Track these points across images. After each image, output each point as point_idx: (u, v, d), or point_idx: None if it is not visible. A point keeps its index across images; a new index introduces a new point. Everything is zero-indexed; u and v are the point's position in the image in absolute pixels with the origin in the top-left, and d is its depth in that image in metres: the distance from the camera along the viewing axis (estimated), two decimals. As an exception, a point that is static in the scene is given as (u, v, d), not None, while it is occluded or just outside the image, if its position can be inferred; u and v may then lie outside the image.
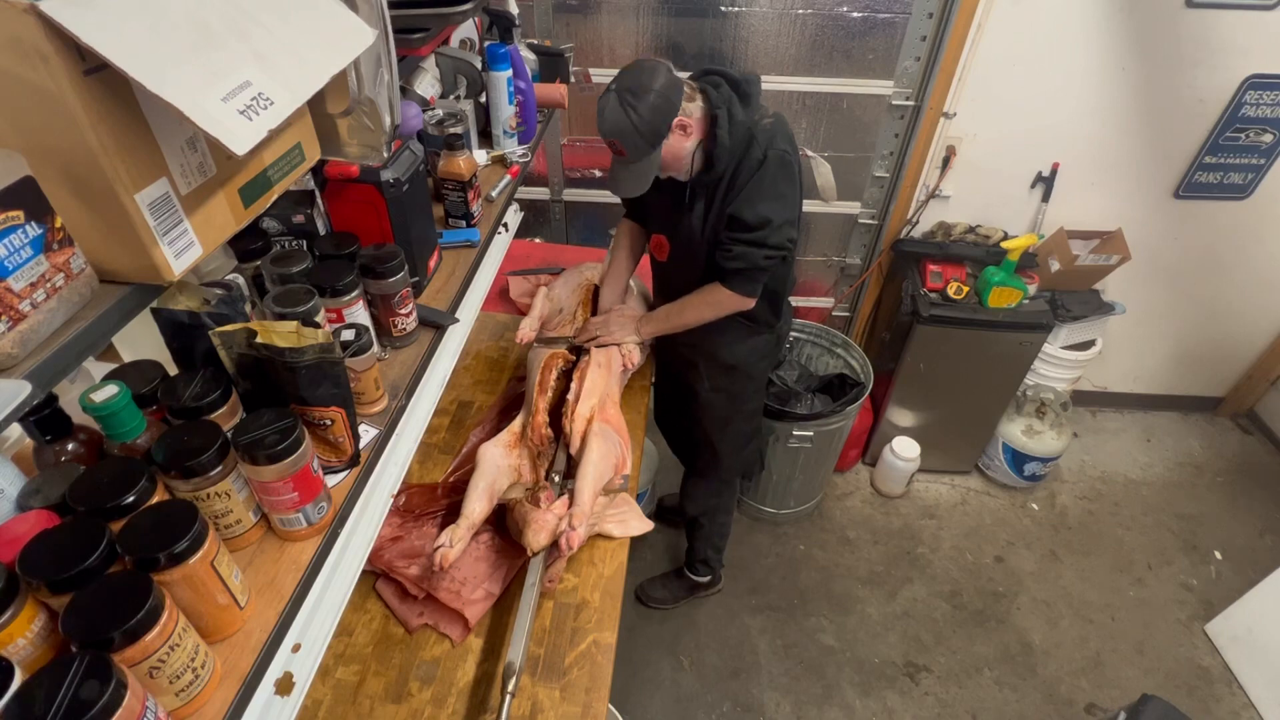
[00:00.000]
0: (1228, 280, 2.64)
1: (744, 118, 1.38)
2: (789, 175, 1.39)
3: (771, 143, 1.37)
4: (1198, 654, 2.25)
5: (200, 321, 0.74)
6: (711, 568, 2.21)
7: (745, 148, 1.38)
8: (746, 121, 1.38)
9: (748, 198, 1.37)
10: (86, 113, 0.49)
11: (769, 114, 1.43)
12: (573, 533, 1.22)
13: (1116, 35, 2.07)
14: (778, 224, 1.37)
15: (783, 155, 1.37)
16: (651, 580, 2.31)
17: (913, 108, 2.28)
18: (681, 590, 2.27)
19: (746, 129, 1.38)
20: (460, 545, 1.22)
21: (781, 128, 1.42)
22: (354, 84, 0.82)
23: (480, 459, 1.38)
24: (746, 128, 1.38)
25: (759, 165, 1.36)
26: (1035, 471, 2.70)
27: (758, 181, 1.37)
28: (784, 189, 1.39)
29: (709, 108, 1.38)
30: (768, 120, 1.40)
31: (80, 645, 0.55)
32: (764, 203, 1.37)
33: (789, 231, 1.40)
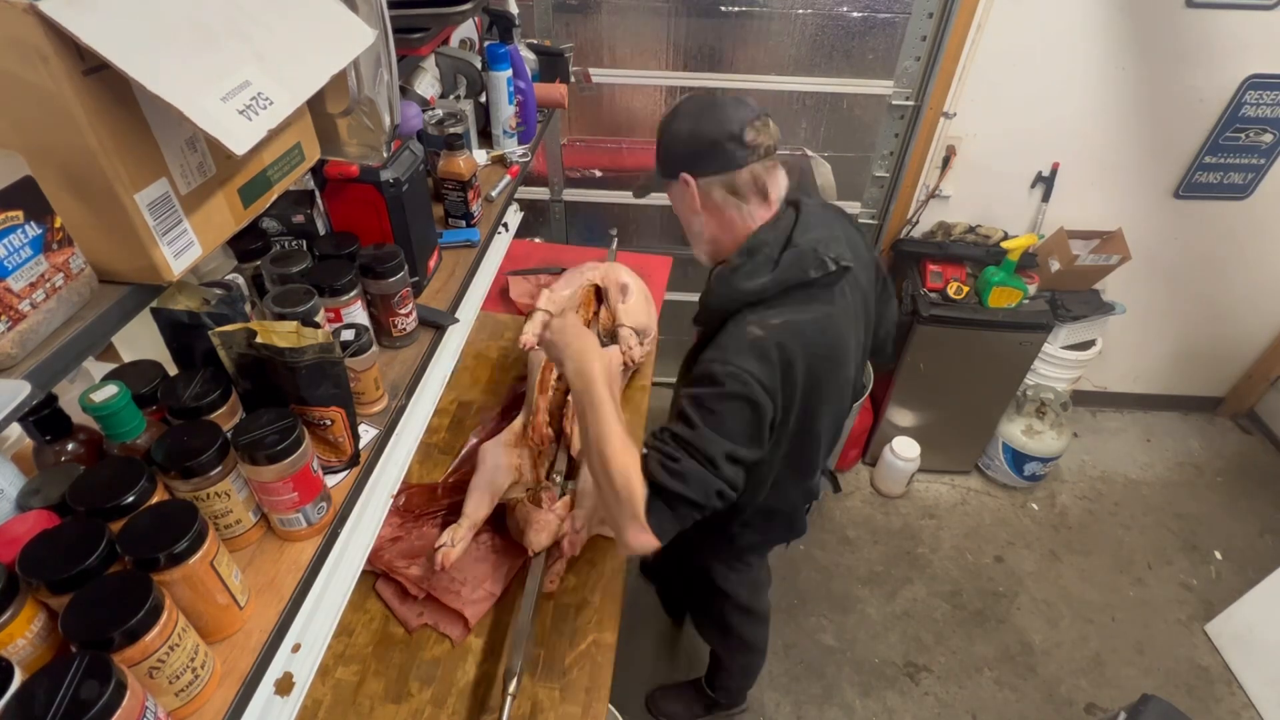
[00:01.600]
0: (1228, 280, 2.64)
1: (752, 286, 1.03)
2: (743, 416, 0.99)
3: (742, 358, 0.99)
4: (1198, 654, 2.25)
5: (200, 321, 0.74)
6: (734, 699, 1.96)
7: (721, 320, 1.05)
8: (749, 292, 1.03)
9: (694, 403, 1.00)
10: (86, 113, 0.49)
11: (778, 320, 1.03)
12: (576, 535, 1.22)
13: (1116, 35, 2.07)
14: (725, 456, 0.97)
15: (744, 392, 0.98)
16: (665, 691, 2.02)
17: (913, 107, 2.28)
18: (699, 709, 1.97)
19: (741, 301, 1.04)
20: (462, 545, 1.23)
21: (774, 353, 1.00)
22: (354, 84, 0.82)
23: (481, 458, 1.38)
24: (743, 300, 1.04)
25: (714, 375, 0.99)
26: (1035, 471, 2.70)
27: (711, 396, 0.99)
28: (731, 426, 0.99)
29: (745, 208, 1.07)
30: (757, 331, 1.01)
31: (80, 645, 0.55)
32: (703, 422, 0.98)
33: (739, 472, 1.00)
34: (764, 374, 0.99)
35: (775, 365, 1.00)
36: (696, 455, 0.97)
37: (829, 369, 1.08)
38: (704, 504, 0.99)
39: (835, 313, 1.08)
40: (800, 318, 1.03)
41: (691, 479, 0.96)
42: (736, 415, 0.99)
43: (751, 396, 0.98)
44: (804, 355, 1.03)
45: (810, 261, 1.04)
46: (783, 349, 1.01)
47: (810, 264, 1.03)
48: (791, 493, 1.27)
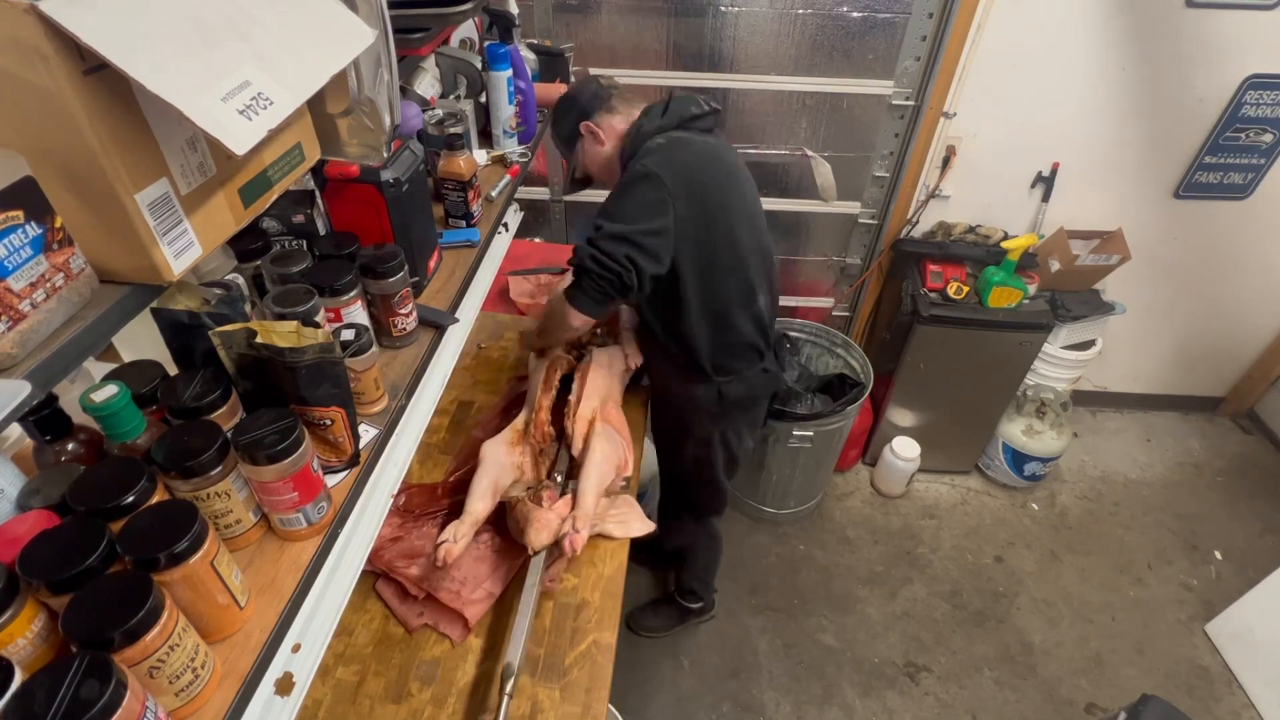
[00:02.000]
0: (1227, 280, 2.64)
1: (649, 127, 1.37)
2: (642, 196, 1.28)
3: (647, 157, 1.30)
4: (1198, 654, 2.25)
5: (200, 321, 0.74)
6: (701, 595, 2.16)
7: (633, 157, 1.35)
8: (648, 132, 1.36)
9: (604, 203, 1.34)
10: (86, 113, 0.49)
11: (679, 135, 1.36)
12: (576, 535, 1.22)
13: (1116, 35, 2.07)
14: (607, 233, 1.28)
15: (645, 173, 1.28)
16: (642, 608, 2.26)
17: (913, 108, 2.28)
18: (673, 618, 2.22)
19: (643, 140, 1.36)
20: (464, 541, 1.22)
21: (676, 153, 1.32)
22: (354, 84, 0.82)
23: (483, 456, 1.38)
24: (645, 138, 1.36)
25: (625, 174, 1.33)
26: (1035, 471, 2.70)
27: (614, 191, 1.33)
28: (628, 205, 1.29)
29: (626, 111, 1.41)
30: (659, 139, 1.34)
31: (80, 645, 0.55)
32: (607, 211, 1.31)
33: (623, 248, 1.26)
34: (662, 165, 1.28)
35: (677, 163, 1.30)
36: (590, 239, 1.30)
37: (730, 184, 1.38)
38: (589, 269, 1.28)
39: (718, 144, 1.42)
40: (691, 138, 1.37)
41: (578, 251, 1.30)
42: (633, 194, 1.28)
43: (650, 175, 1.27)
44: (703, 161, 1.33)
45: (690, 102, 1.41)
46: (682, 148, 1.33)
47: (691, 104, 1.41)
48: (742, 321, 1.48)
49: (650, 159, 1.30)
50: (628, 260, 1.27)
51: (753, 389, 1.59)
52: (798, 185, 2.49)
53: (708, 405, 1.57)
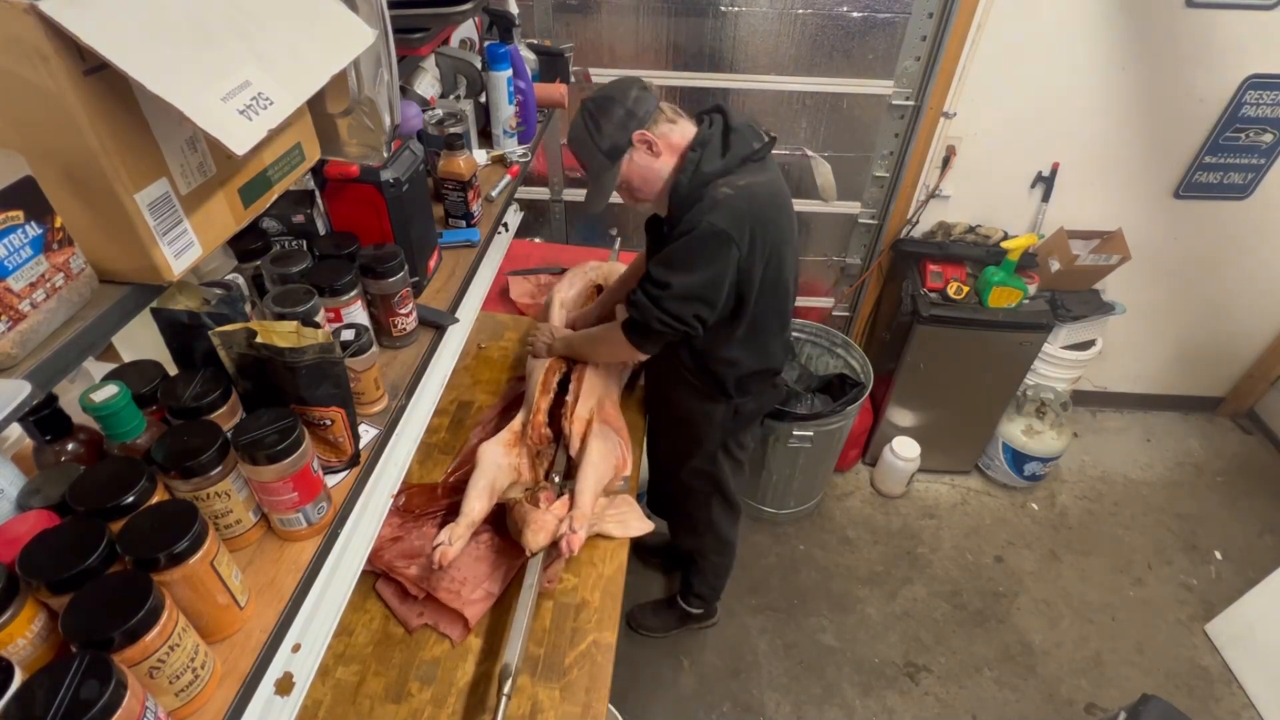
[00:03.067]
0: (1228, 280, 2.64)
1: (711, 170, 1.26)
2: (711, 254, 1.22)
3: (714, 212, 1.21)
4: (1198, 654, 2.25)
5: (200, 321, 0.74)
6: (706, 601, 2.13)
7: (693, 203, 1.25)
8: (709, 175, 1.25)
9: (665, 255, 1.26)
10: (86, 113, 0.49)
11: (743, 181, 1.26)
12: (574, 535, 1.22)
13: (1116, 35, 2.07)
14: (676, 293, 1.24)
15: (715, 231, 1.20)
16: (643, 607, 2.23)
17: (913, 107, 2.28)
18: (673, 620, 2.19)
19: (703, 181, 1.25)
20: (460, 543, 1.22)
21: (740, 203, 1.23)
22: (354, 84, 0.82)
23: (480, 458, 1.38)
24: (705, 181, 1.25)
25: (690, 229, 1.22)
26: (1035, 471, 2.70)
27: (679, 245, 1.24)
28: (698, 264, 1.23)
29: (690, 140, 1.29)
30: (726, 190, 1.23)
31: (80, 645, 0.55)
32: (673, 267, 1.25)
33: (691, 308, 1.25)
34: (730, 222, 1.21)
35: (743, 216, 1.23)
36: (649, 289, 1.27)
37: (785, 223, 1.33)
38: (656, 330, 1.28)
39: (776, 178, 1.34)
40: (757, 179, 1.28)
41: (643, 309, 1.28)
42: (705, 255, 1.23)
43: (721, 237, 1.21)
44: (765, 209, 1.27)
45: (752, 136, 1.31)
46: (750, 200, 1.24)
47: (753, 138, 1.31)
48: (776, 346, 1.48)
49: (718, 215, 1.21)
50: (695, 319, 1.27)
51: (764, 404, 1.60)
52: (798, 185, 2.49)
53: (722, 422, 1.56)
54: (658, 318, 1.27)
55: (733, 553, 1.99)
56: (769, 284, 1.34)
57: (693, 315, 1.27)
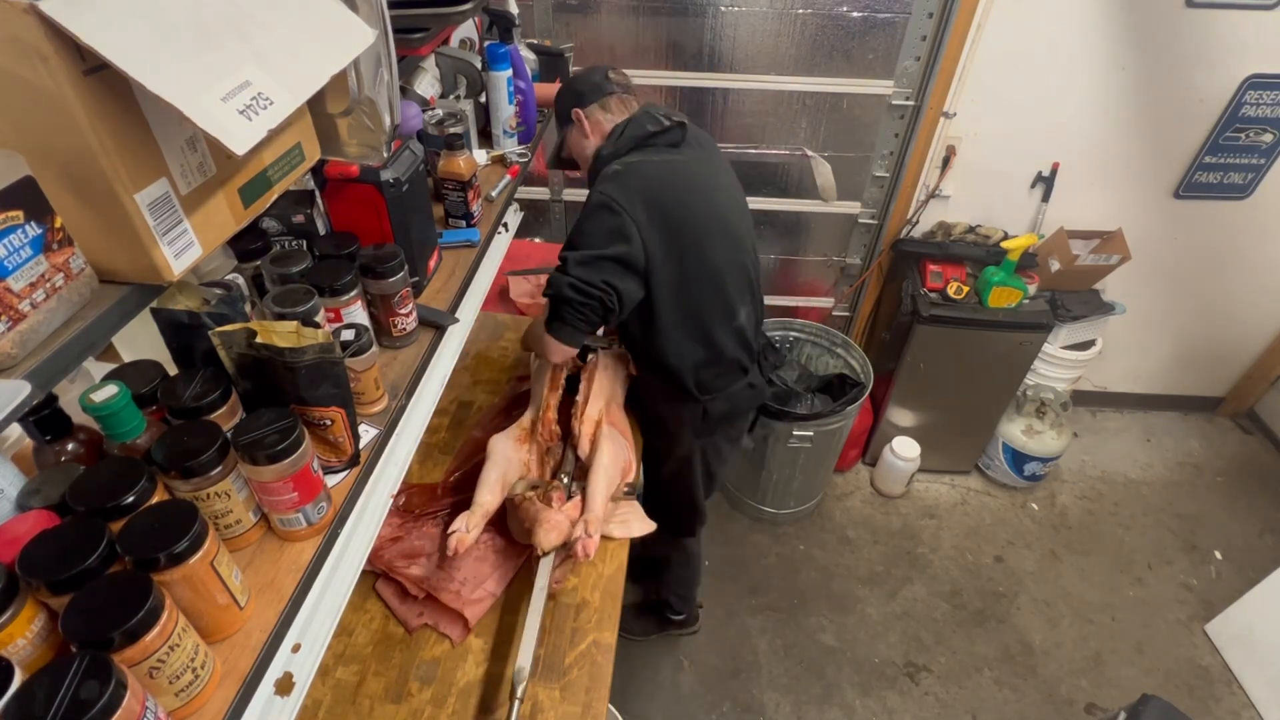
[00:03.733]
0: (1228, 280, 2.64)
1: (606, 153, 1.37)
2: (602, 221, 1.28)
3: (602, 184, 1.30)
4: (1198, 654, 2.25)
5: (200, 321, 0.74)
6: (679, 610, 2.14)
7: (594, 179, 1.37)
8: (605, 157, 1.36)
9: (569, 234, 1.34)
10: (86, 113, 0.49)
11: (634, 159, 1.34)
12: (590, 540, 1.21)
13: (1116, 35, 2.07)
14: (577, 259, 1.27)
15: (602, 200, 1.28)
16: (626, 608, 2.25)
17: (913, 108, 2.28)
18: (653, 625, 2.21)
19: (601, 165, 1.36)
20: (476, 531, 1.22)
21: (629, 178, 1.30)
22: (354, 84, 0.82)
23: (491, 451, 1.38)
24: (603, 164, 1.36)
25: (586, 206, 1.32)
26: (1035, 471, 2.70)
27: (577, 221, 1.33)
28: (592, 233, 1.29)
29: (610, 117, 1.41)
30: (615, 167, 1.33)
31: (80, 645, 0.55)
32: (571, 241, 1.31)
33: (598, 273, 1.26)
34: (619, 192, 1.27)
35: (632, 189, 1.28)
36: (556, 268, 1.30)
37: (696, 201, 1.35)
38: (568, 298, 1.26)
39: (682, 160, 1.38)
40: (649, 158, 1.34)
41: (552, 282, 1.29)
42: (594, 222, 1.28)
43: (608, 204, 1.26)
44: (662, 184, 1.31)
45: (646, 120, 1.37)
46: (635, 174, 1.31)
47: (647, 122, 1.37)
48: (724, 337, 1.45)
49: (606, 186, 1.29)
50: (605, 285, 1.26)
51: (737, 405, 1.58)
52: (798, 185, 2.49)
53: (692, 423, 1.56)
54: (568, 283, 1.26)
55: (696, 564, 2.01)
56: (690, 266, 1.34)
57: (601, 281, 1.26)
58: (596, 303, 1.28)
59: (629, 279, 1.29)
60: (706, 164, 1.44)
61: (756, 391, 1.60)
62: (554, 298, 1.30)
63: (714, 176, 1.43)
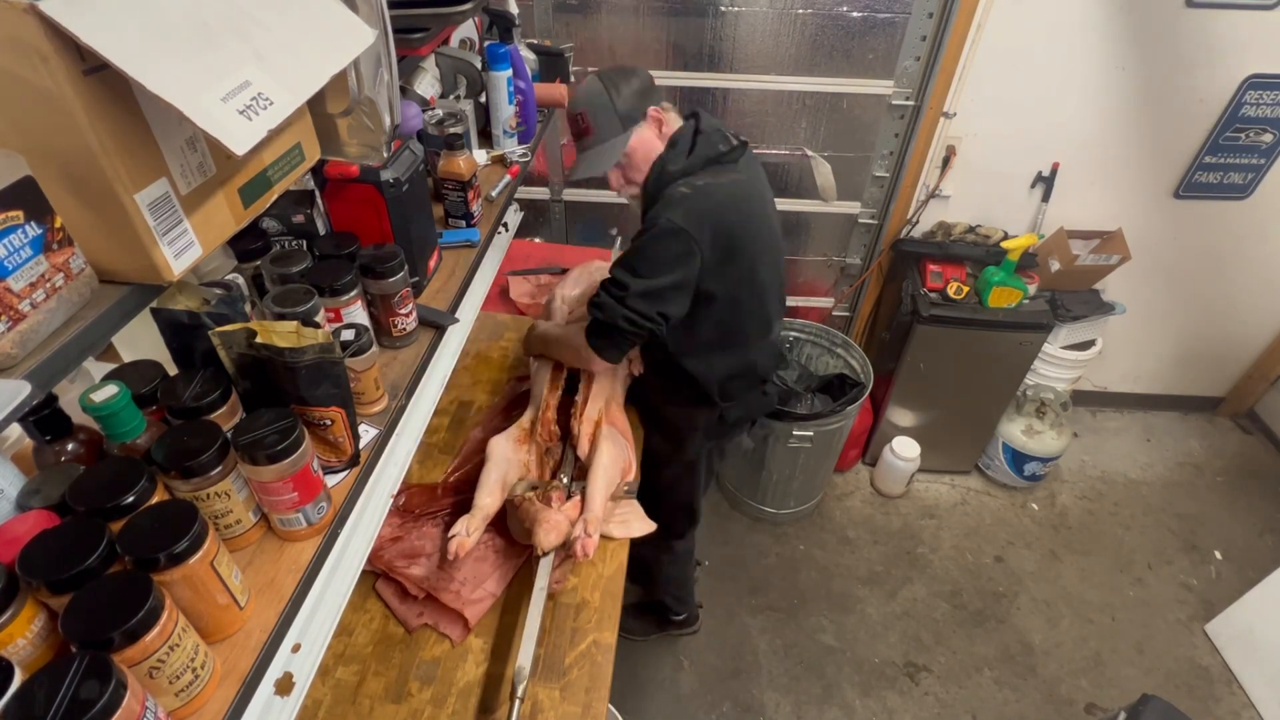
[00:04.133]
0: (1228, 280, 2.64)
1: (675, 169, 1.30)
2: (670, 250, 1.23)
3: (671, 209, 1.23)
4: (1198, 654, 2.25)
5: (200, 321, 0.74)
6: (676, 611, 2.13)
7: (655, 202, 1.29)
8: (673, 174, 1.29)
9: (626, 255, 1.28)
10: (86, 113, 0.49)
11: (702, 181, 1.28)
12: (588, 540, 1.21)
13: (1116, 35, 2.07)
14: (638, 291, 1.24)
15: (673, 228, 1.21)
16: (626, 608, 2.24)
17: (913, 108, 2.28)
18: (653, 625, 2.20)
19: (667, 181, 1.29)
20: (476, 534, 1.22)
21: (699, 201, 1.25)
22: (354, 84, 0.82)
23: (491, 452, 1.38)
24: (668, 180, 1.29)
25: (649, 227, 1.25)
26: (1035, 471, 2.70)
27: (639, 243, 1.26)
28: (658, 262, 1.24)
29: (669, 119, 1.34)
30: (684, 189, 1.26)
31: (80, 645, 0.55)
32: (633, 266, 1.26)
33: (654, 306, 1.25)
34: (689, 219, 1.22)
35: (701, 214, 1.24)
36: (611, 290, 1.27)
37: (754, 224, 1.33)
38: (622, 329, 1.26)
39: (744, 180, 1.35)
40: (718, 180, 1.30)
41: (604, 306, 1.27)
42: (661, 248, 1.24)
43: (678, 232, 1.22)
44: (727, 208, 1.28)
45: (718, 139, 1.34)
46: (708, 199, 1.26)
47: (719, 140, 1.34)
48: (758, 351, 1.46)
49: (675, 211, 1.23)
50: (659, 316, 1.27)
51: (751, 411, 1.60)
52: (798, 185, 2.49)
53: (706, 428, 1.56)
54: (624, 316, 1.26)
55: (685, 562, 1.98)
56: (741, 286, 1.34)
57: (656, 313, 1.27)
58: (647, 333, 1.29)
59: (682, 300, 1.29)
60: (761, 183, 1.42)
61: (769, 399, 1.63)
62: (604, 323, 1.29)
63: (766, 198, 1.41)
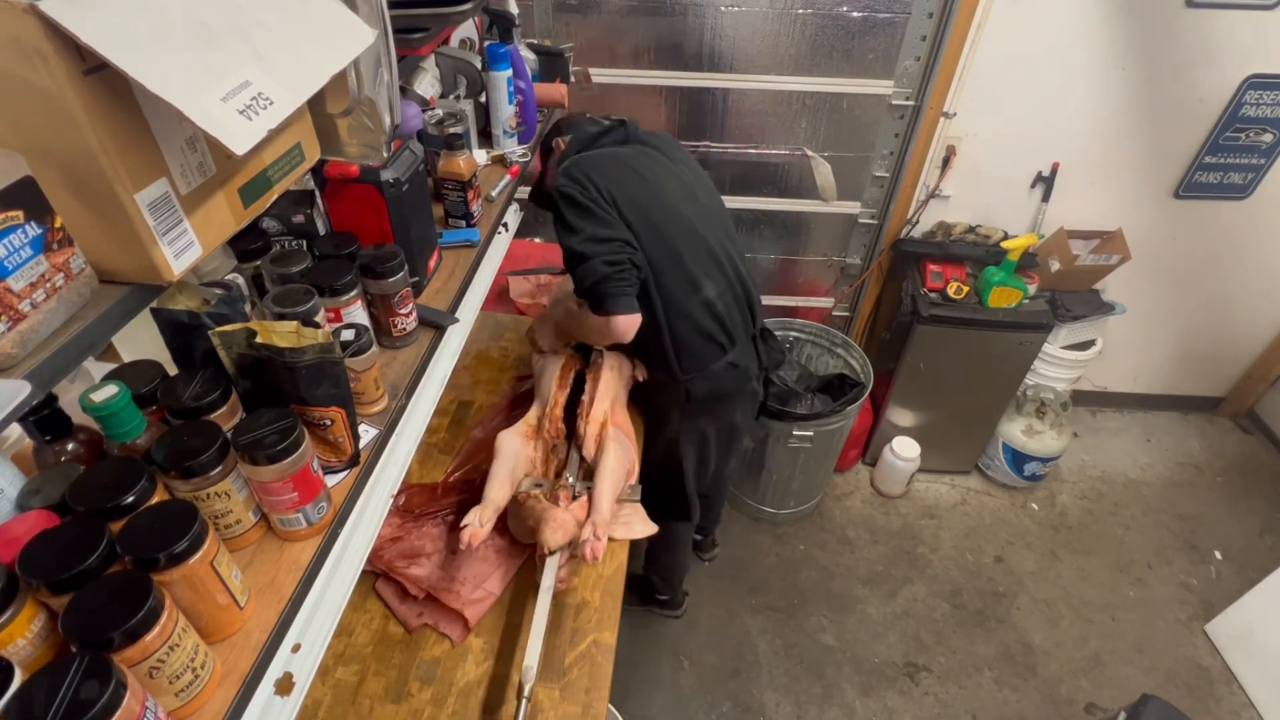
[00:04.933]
0: (1228, 280, 2.64)
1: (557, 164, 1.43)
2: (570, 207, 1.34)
3: (558, 180, 1.36)
4: (1198, 654, 2.25)
5: (200, 321, 0.74)
6: (661, 591, 2.16)
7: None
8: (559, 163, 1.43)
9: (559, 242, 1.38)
10: (86, 113, 0.49)
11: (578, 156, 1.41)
12: (597, 543, 1.21)
13: (1116, 35, 2.07)
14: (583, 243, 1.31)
15: (561, 186, 1.34)
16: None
17: (913, 108, 2.28)
18: (636, 599, 2.22)
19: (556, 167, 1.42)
20: (489, 526, 1.21)
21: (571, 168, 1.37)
22: (354, 84, 0.82)
23: (500, 446, 1.37)
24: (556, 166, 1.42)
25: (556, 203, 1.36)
26: (1035, 471, 2.70)
27: (556, 223, 1.37)
28: (567, 224, 1.34)
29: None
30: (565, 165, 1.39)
31: (80, 645, 0.55)
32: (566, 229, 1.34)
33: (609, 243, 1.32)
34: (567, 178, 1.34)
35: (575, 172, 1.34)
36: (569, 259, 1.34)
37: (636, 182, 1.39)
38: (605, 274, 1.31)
39: (627, 154, 1.44)
40: (593, 153, 1.42)
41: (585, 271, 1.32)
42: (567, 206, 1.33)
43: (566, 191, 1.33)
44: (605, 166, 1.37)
45: (586, 124, 1.48)
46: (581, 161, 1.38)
47: (587, 124, 1.48)
48: (697, 312, 1.47)
49: (559, 179, 1.36)
50: (624, 244, 1.32)
51: (719, 385, 1.56)
52: (798, 185, 2.49)
53: (677, 404, 1.59)
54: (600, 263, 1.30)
55: (680, 550, 2.00)
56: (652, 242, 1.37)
57: (618, 245, 1.32)
58: (627, 261, 1.33)
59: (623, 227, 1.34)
60: (649, 154, 1.48)
61: (740, 372, 1.58)
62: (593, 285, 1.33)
63: (655, 162, 1.46)
